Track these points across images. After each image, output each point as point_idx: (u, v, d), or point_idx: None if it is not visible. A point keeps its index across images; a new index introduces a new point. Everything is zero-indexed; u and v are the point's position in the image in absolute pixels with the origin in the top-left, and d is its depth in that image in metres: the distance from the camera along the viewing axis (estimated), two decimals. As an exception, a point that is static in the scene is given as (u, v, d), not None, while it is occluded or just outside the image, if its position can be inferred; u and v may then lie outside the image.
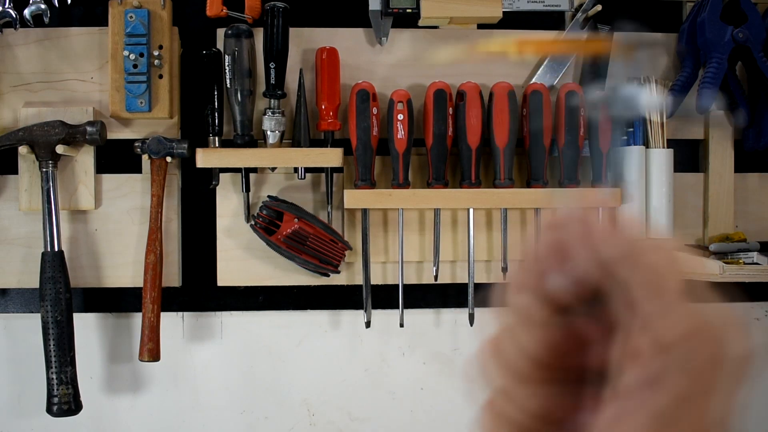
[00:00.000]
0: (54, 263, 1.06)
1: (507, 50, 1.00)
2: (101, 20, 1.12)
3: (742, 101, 1.18)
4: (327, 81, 1.11)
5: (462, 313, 1.16)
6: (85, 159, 1.12)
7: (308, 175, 1.14)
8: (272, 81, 1.09)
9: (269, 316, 1.18)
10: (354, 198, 1.10)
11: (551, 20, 1.19)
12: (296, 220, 1.09)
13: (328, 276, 1.14)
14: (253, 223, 1.10)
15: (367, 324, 1.14)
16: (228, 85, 1.09)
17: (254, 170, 1.14)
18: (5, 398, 1.16)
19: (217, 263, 1.14)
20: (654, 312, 0.29)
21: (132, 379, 1.17)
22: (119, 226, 1.13)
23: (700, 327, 0.29)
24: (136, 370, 1.17)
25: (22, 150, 1.07)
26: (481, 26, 1.17)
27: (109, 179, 1.13)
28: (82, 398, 1.08)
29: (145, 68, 1.08)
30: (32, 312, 1.13)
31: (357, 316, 1.17)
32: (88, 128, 1.08)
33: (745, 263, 1.11)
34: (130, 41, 1.08)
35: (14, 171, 1.11)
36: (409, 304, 1.14)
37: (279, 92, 1.10)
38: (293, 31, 1.13)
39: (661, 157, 1.15)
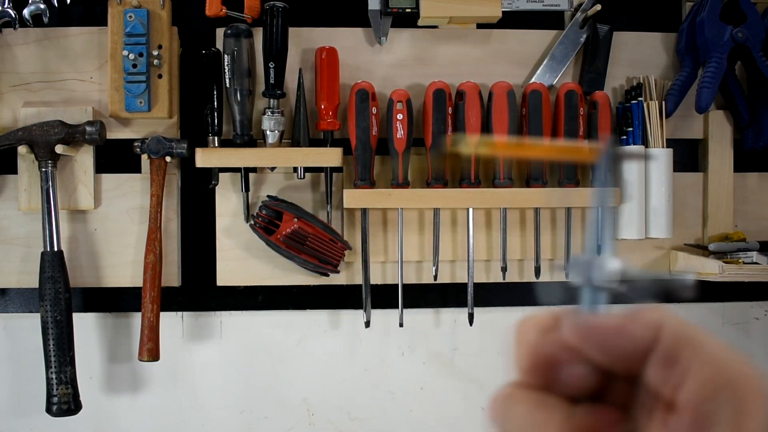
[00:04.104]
0: (53, 263, 1.06)
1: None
2: (100, 20, 1.12)
3: (741, 101, 1.18)
4: (326, 81, 1.11)
5: (462, 313, 1.16)
6: (84, 159, 1.12)
7: (308, 174, 1.14)
8: (271, 81, 1.09)
9: (269, 316, 1.18)
10: (353, 198, 1.10)
11: (550, 20, 1.19)
12: (296, 219, 1.09)
13: (328, 276, 1.14)
14: (252, 222, 1.10)
15: (367, 324, 1.14)
16: (227, 85, 1.09)
17: (254, 170, 1.14)
18: (5, 398, 1.16)
19: (216, 263, 1.14)
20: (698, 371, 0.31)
21: (131, 378, 1.17)
22: (119, 226, 1.13)
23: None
24: (136, 370, 1.17)
25: (22, 150, 1.07)
26: (480, 26, 1.17)
27: (108, 179, 1.14)
28: (82, 398, 1.08)
29: (144, 68, 1.08)
30: (32, 312, 1.13)
31: (356, 316, 1.17)
32: (88, 128, 1.08)
33: (744, 263, 1.11)
34: (129, 41, 1.08)
35: (13, 171, 1.11)
36: (409, 303, 1.14)
37: (278, 92, 1.10)
38: (292, 31, 1.13)
39: (660, 157, 1.15)
